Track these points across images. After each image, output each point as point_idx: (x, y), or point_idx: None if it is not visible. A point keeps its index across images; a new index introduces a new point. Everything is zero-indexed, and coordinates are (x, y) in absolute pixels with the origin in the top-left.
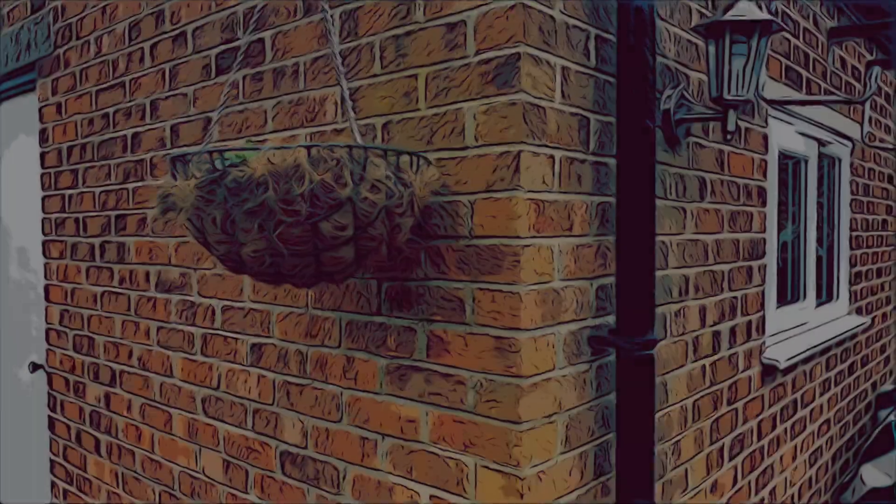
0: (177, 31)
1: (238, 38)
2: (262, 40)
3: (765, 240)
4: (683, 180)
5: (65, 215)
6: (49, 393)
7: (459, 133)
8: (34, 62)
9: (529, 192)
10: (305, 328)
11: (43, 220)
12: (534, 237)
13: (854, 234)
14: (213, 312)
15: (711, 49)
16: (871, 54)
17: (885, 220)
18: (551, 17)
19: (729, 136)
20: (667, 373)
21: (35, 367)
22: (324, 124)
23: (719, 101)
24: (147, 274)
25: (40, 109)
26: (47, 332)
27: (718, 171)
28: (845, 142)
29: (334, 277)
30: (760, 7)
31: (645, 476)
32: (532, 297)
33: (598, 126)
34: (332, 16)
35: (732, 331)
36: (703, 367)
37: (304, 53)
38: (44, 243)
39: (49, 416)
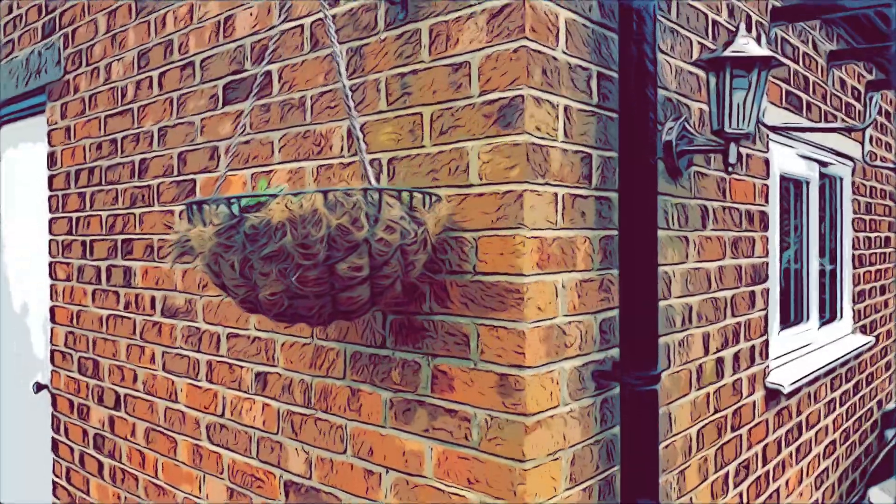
0: (185, 61)
1: (245, 70)
2: (269, 73)
3: (767, 264)
4: (686, 210)
5: (72, 238)
6: (53, 414)
7: (464, 171)
8: (44, 86)
9: (533, 229)
10: (310, 358)
11: (50, 242)
12: (537, 274)
13: (856, 252)
14: (219, 339)
15: (712, 80)
16: (871, 74)
17: (887, 238)
18: (554, 58)
19: (730, 169)
20: (671, 402)
21: (39, 387)
22: (330, 158)
23: (721, 134)
24: (153, 299)
25: (49, 133)
26: (52, 353)
27: (720, 199)
28: (846, 162)
29: (350, 316)
30: (759, 38)
31: None
32: (536, 335)
33: (600, 161)
34: (340, 51)
35: (736, 356)
36: (707, 394)
37: (312, 87)
38: (50, 265)
39: (52, 438)
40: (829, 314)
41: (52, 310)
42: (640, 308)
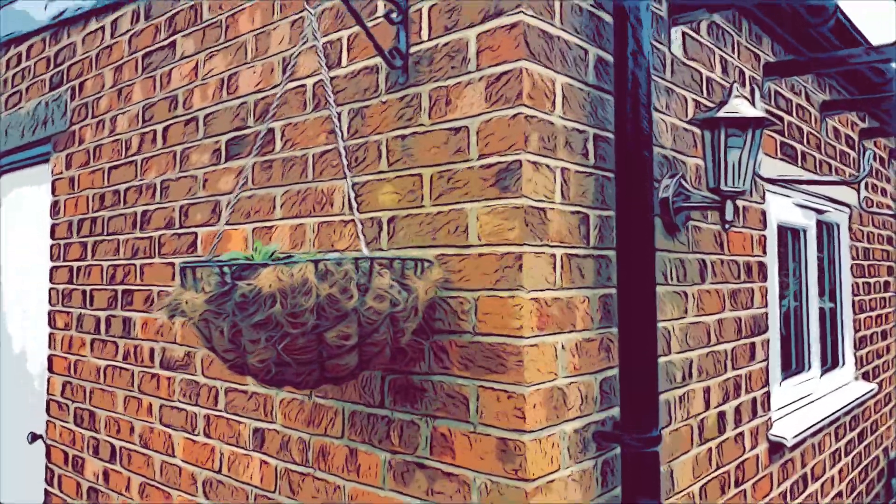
0: (189, 116)
1: (248, 127)
2: (272, 130)
3: (766, 314)
4: (684, 264)
5: (72, 287)
6: (47, 466)
7: (463, 231)
8: (50, 136)
9: (532, 291)
10: (308, 416)
11: (50, 291)
12: (537, 336)
13: (856, 298)
14: (217, 394)
15: (708, 138)
16: (864, 122)
17: (886, 282)
18: (550, 122)
19: (727, 227)
20: (672, 460)
21: (34, 437)
22: (331, 215)
23: (717, 192)
24: (152, 350)
25: (53, 183)
26: (48, 403)
27: (718, 252)
28: (843, 209)
29: (337, 382)
30: (753, 93)
31: None
32: (536, 398)
33: (597, 221)
34: (339, 113)
35: (737, 410)
36: (709, 450)
37: (314, 146)
38: (50, 313)
39: (45, 490)
40: (830, 361)
41: (49, 359)
42: (641, 367)
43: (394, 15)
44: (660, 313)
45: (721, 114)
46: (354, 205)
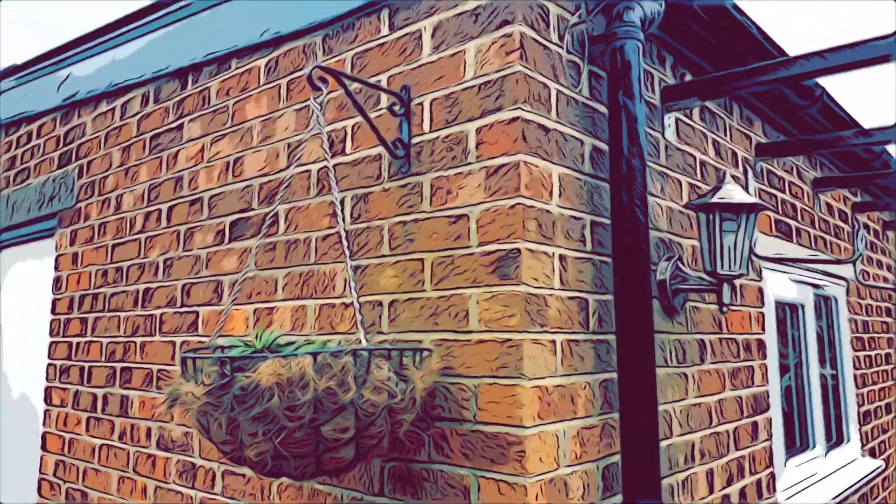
0: (194, 197)
1: (252, 209)
2: (276, 213)
3: (768, 392)
4: (683, 346)
5: (70, 363)
6: None
7: (464, 317)
8: (56, 212)
9: (533, 379)
10: (306, 502)
11: (48, 366)
12: (539, 425)
13: (858, 372)
14: (214, 476)
15: (703, 221)
16: (856, 196)
17: (888, 355)
18: (548, 211)
19: (725, 309)
20: None
21: None
22: (333, 297)
23: (714, 275)
24: (149, 430)
25: (57, 258)
26: (40, 482)
27: (717, 331)
28: (840, 282)
29: (334, 474)
30: (746, 173)
31: None
32: (538, 488)
33: (596, 306)
34: (342, 198)
35: (742, 492)
36: None
37: (317, 229)
38: (46, 389)
39: None
40: (835, 437)
41: (43, 436)
42: (643, 453)
43: (396, 107)
44: (660, 396)
45: (715, 199)
46: (354, 290)
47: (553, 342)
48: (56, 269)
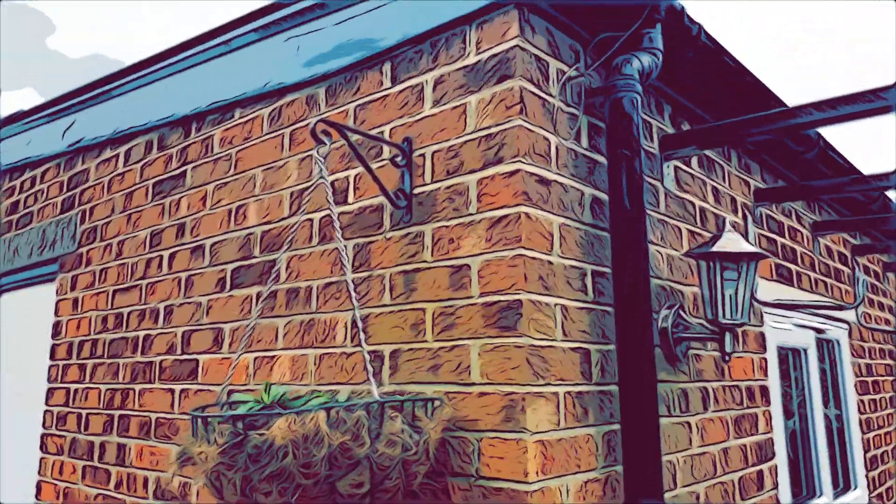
0: (195, 244)
1: (254, 257)
2: (277, 261)
3: (772, 440)
4: (686, 394)
5: (67, 410)
6: None
7: (465, 369)
8: (57, 257)
9: (536, 433)
10: None
11: (45, 413)
12: (542, 480)
13: (863, 416)
14: None
15: (703, 270)
16: (855, 239)
17: (892, 398)
18: (549, 262)
19: (727, 357)
20: None
21: None
22: (333, 347)
23: (715, 324)
24: (146, 480)
25: (57, 303)
26: None
27: (719, 378)
28: (842, 325)
29: None
30: (746, 219)
31: None
32: None
33: (598, 356)
34: (345, 246)
35: None
36: None
37: (318, 278)
38: (42, 437)
39: None
40: (842, 483)
41: (38, 485)
42: None
43: (398, 159)
44: (664, 446)
45: (715, 248)
46: (363, 340)
47: (556, 395)
48: (56, 314)
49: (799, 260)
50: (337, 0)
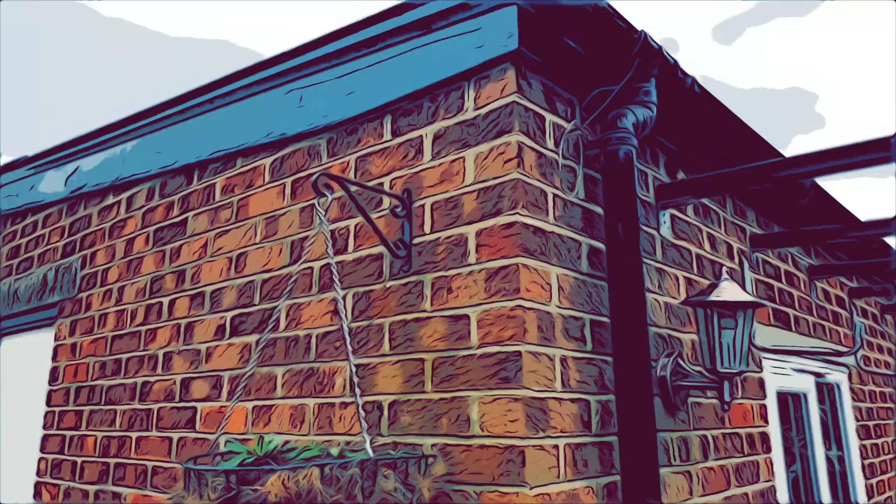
0: (195, 291)
1: (254, 304)
2: (277, 309)
3: (774, 487)
4: (686, 443)
5: (62, 457)
6: None
7: (465, 421)
8: (57, 302)
9: (536, 486)
10: None
11: (39, 461)
12: None
13: (866, 461)
14: None
15: (701, 318)
16: (852, 281)
17: (894, 442)
18: (548, 312)
19: (727, 406)
20: None
21: None
22: (332, 396)
23: (714, 372)
24: None
25: (55, 348)
26: None
27: (719, 426)
28: (842, 369)
29: None
30: (742, 264)
31: None
32: None
33: (598, 407)
34: (344, 296)
35: None
36: None
37: (317, 326)
38: (36, 485)
39: None
40: None
41: None
42: None
43: (398, 209)
44: (665, 496)
45: (712, 298)
46: (358, 393)
47: (556, 447)
48: (54, 359)
49: (796, 304)
50: (338, 54)
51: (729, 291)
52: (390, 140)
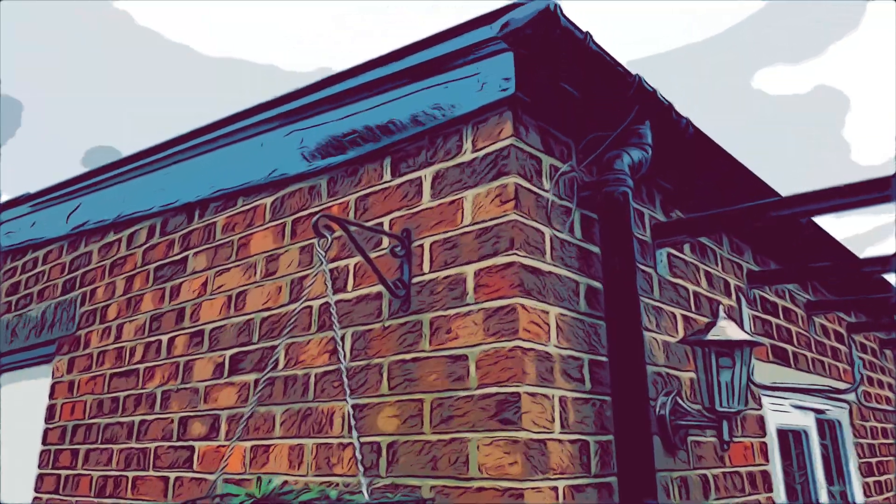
0: (195, 329)
1: (253, 343)
2: (276, 348)
3: None
4: (686, 483)
5: (58, 498)
6: None
7: (464, 463)
8: (55, 339)
9: None
10: None
11: (34, 500)
12: None
13: (870, 500)
14: None
15: (699, 357)
16: (850, 316)
17: None
18: (547, 352)
19: (726, 445)
20: None
21: None
22: (330, 437)
23: (712, 412)
24: None
25: (53, 385)
26: None
27: (720, 465)
28: (842, 405)
29: None
30: (739, 302)
31: None
32: None
33: (597, 447)
34: (343, 335)
35: None
36: None
37: (316, 366)
38: None
39: None
40: None
41: None
42: None
43: (397, 249)
44: None
45: (710, 336)
46: (356, 435)
47: (555, 489)
48: (51, 396)
49: (795, 340)
50: (339, 97)
51: (726, 330)
52: (390, 181)
